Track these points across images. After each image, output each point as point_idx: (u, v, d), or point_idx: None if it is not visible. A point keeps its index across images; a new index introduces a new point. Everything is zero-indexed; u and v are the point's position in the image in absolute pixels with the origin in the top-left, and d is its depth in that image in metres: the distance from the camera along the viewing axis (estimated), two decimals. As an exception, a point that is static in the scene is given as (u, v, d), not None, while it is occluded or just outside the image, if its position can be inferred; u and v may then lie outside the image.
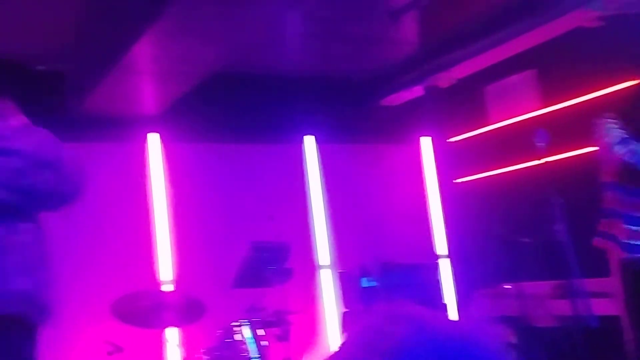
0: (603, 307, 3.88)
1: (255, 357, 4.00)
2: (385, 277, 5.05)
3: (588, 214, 3.53)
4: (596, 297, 3.76)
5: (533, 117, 5.58)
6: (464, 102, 6.12)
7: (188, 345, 4.64)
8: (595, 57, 4.89)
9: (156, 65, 4.56)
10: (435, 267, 5.91)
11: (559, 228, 3.52)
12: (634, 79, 3.66)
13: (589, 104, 5.08)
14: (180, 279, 5.14)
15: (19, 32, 4.45)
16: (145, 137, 5.38)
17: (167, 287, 5.06)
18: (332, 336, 5.72)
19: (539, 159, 3.68)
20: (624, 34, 4.62)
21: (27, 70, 4.79)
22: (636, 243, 3.28)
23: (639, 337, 3.34)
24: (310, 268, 5.82)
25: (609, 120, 3.33)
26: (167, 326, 4.17)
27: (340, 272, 5.60)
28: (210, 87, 5.00)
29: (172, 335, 4.57)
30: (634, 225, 3.28)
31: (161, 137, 5.42)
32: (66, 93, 5.02)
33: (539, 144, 3.63)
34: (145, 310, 3.92)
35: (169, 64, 4.54)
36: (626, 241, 3.28)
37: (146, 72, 4.66)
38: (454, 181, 6.13)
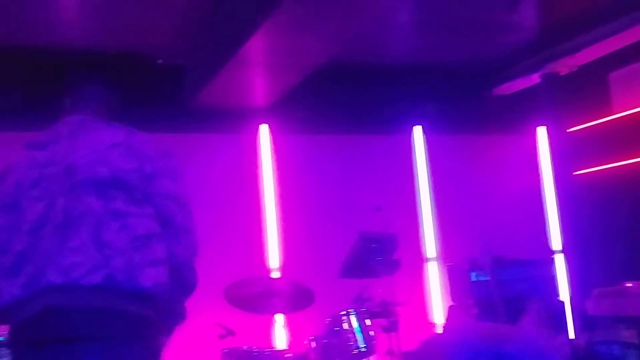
0: None
1: (363, 347, 3.99)
2: (497, 272, 4.87)
3: None
4: None
5: None
6: (586, 89, 5.80)
7: (296, 332, 4.72)
8: None
9: (269, 58, 4.65)
10: (550, 263, 5.65)
11: None
12: None
13: None
14: (288, 267, 5.24)
15: (140, 28, 4.67)
16: (257, 129, 5.51)
17: (276, 275, 5.16)
18: (438, 329, 5.61)
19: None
20: None
21: (147, 64, 5.06)
22: None
23: None
24: (418, 260, 5.75)
25: None
26: (276, 312, 4.26)
27: (448, 265, 5.48)
28: (319, 78, 5.02)
29: (281, 322, 4.66)
30: None
31: (271, 128, 5.52)
32: (184, 86, 5.22)
33: None
34: (256, 296, 4.03)
35: (281, 57, 4.60)
36: None
37: (259, 65, 4.75)
38: (574, 173, 5.80)
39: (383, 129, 5.75)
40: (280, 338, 4.87)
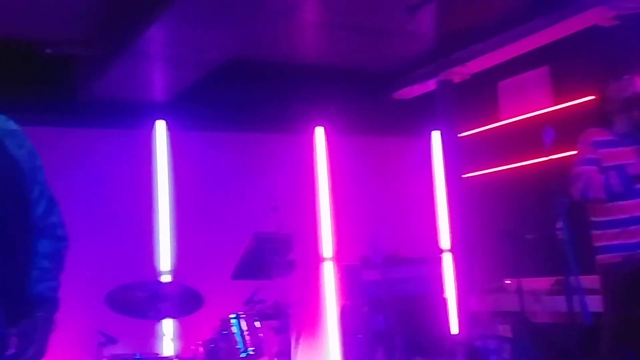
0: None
1: (250, 350, 3.70)
2: (388, 271, 4.67)
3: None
4: (594, 294, 3.41)
5: (544, 114, 5.23)
6: (477, 97, 5.80)
7: (185, 336, 4.35)
8: (606, 56, 4.51)
9: (168, 51, 4.29)
10: (438, 261, 5.54)
11: (560, 225, 3.27)
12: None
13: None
14: (179, 269, 4.84)
15: (26, 15, 4.12)
16: (152, 125, 5.05)
17: (166, 278, 4.75)
18: (331, 330, 5.39)
19: (546, 156, 3.41)
20: (638, 33, 4.33)
21: (34, 54, 4.48)
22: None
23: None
24: (315, 260, 5.49)
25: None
26: (163, 317, 3.87)
27: (342, 264, 5.24)
28: (221, 74, 4.66)
29: (168, 327, 4.27)
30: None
31: (168, 124, 5.08)
32: (75, 78, 4.69)
33: (545, 141, 3.28)
34: (141, 301, 3.64)
35: (181, 50, 4.26)
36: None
37: (158, 58, 4.37)
38: (463, 176, 5.73)
39: (285, 128, 5.46)
40: (168, 344, 4.46)
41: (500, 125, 5.66)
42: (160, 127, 5.05)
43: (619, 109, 3.24)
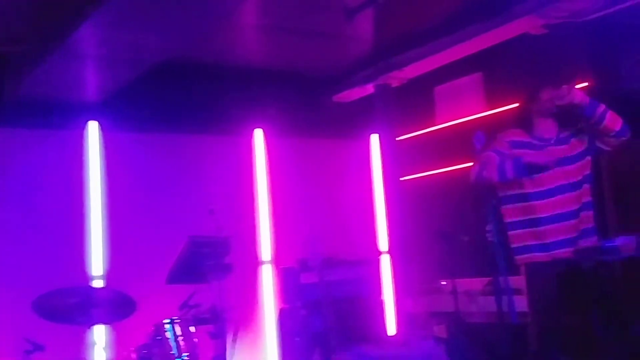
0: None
1: (185, 355, 3.68)
2: (326, 273, 4.72)
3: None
4: (521, 294, 3.55)
5: (477, 118, 5.40)
6: (414, 101, 5.93)
7: (118, 342, 4.27)
8: (536, 63, 4.73)
9: (101, 50, 4.17)
10: (376, 263, 5.64)
11: (490, 227, 3.35)
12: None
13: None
14: (112, 274, 4.74)
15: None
16: (84, 125, 4.93)
17: (98, 283, 4.65)
18: (269, 332, 5.40)
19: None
20: (566, 42, 4.54)
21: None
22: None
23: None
24: (253, 263, 5.49)
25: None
26: (95, 323, 3.79)
27: (281, 267, 5.26)
28: (157, 75, 4.60)
29: (100, 333, 4.18)
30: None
31: (101, 125, 4.97)
32: (2, 76, 4.55)
33: (476, 145, 3.39)
34: (72, 307, 3.56)
35: (115, 50, 4.17)
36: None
37: (90, 57, 4.25)
38: (400, 179, 5.86)
39: (223, 129, 5.43)
40: (100, 351, 4.36)
41: (436, 129, 5.82)
42: (93, 128, 4.94)
43: (549, 113, 3.30)
